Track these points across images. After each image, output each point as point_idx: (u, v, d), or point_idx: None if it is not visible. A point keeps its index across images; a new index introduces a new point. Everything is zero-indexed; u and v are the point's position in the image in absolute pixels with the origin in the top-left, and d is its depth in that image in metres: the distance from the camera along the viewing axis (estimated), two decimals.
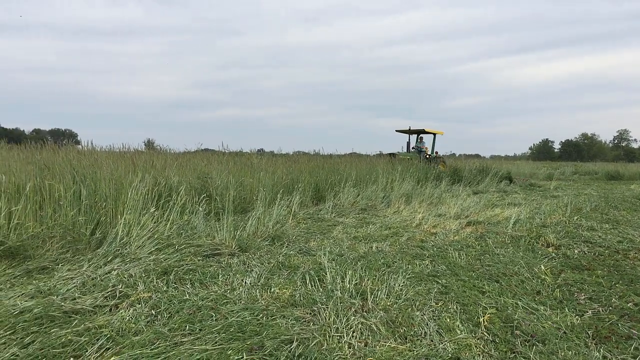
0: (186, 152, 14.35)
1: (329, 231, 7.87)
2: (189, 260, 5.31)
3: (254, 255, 5.78)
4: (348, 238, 7.24)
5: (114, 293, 4.13)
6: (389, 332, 3.56)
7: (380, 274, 5.08)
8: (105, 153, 9.57)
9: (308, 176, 12.25)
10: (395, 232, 7.80)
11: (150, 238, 5.72)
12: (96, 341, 3.18)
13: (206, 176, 9.73)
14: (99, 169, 6.90)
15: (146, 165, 8.69)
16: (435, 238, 7.37)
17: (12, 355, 2.94)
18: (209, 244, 5.91)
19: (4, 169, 6.00)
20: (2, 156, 6.88)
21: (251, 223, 7.08)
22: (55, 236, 5.37)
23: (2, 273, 4.51)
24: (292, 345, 3.20)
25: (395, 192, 12.99)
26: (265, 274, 4.96)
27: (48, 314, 3.55)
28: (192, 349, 3.09)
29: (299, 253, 6.08)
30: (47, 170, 6.47)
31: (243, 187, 10.16)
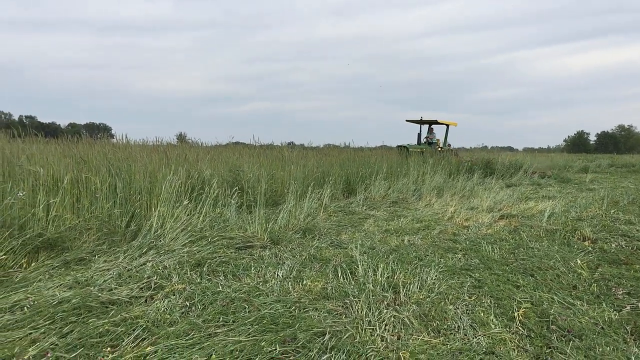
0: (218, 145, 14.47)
1: (360, 224, 7.85)
2: (222, 252, 5.36)
3: (286, 248, 5.81)
4: (379, 231, 7.22)
5: (149, 284, 4.20)
6: (422, 325, 3.55)
7: (413, 267, 5.05)
8: (139, 146, 9.71)
9: (339, 169, 12.24)
10: (427, 225, 7.74)
11: (184, 230, 5.80)
12: (132, 331, 3.24)
13: (238, 169, 9.81)
14: (133, 162, 7.01)
15: (179, 159, 8.79)
16: (467, 231, 7.30)
17: (52, 345, 3.02)
18: (241, 237, 5.96)
19: (42, 162, 6.14)
20: (40, 150, 7.03)
21: (282, 216, 7.11)
22: (91, 228, 5.48)
23: (41, 264, 4.62)
24: (324, 337, 3.21)
25: (427, 185, 12.88)
26: (297, 266, 4.99)
27: (86, 304, 3.63)
28: (226, 340, 3.12)
29: (330, 246, 6.09)
30: (84, 164, 6.60)
31: (274, 180, 10.21)
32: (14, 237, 4.67)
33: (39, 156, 6.49)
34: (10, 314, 3.46)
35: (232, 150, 13.41)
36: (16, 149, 6.48)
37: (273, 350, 3.01)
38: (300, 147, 18.61)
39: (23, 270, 4.45)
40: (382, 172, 13.08)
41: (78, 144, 8.12)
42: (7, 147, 6.40)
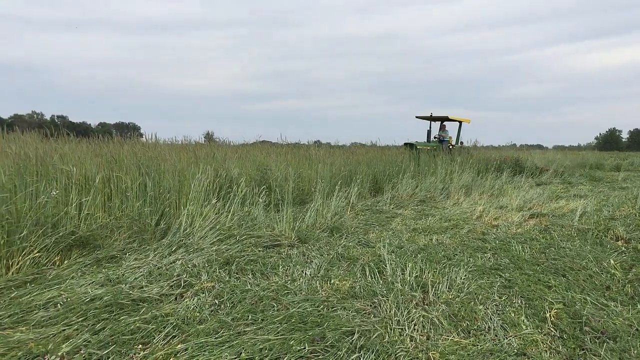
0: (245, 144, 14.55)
1: (388, 223, 7.82)
2: (250, 250, 5.39)
3: (313, 247, 5.82)
4: (407, 230, 7.18)
5: (179, 282, 4.24)
6: (452, 325, 3.52)
7: (441, 266, 5.01)
8: (168, 145, 9.82)
9: (366, 167, 12.22)
10: (455, 224, 7.68)
11: (212, 229, 5.84)
12: (163, 329, 3.28)
13: (265, 168, 9.85)
14: (162, 162, 7.09)
15: (207, 158, 8.87)
16: (497, 230, 7.21)
17: (85, 341, 3.07)
18: (269, 235, 5.99)
19: (74, 162, 6.25)
20: (72, 149, 7.16)
21: (310, 214, 7.12)
22: (122, 226, 5.56)
23: (73, 262, 4.70)
24: (353, 336, 3.20)
25: (455, 183, 12.78)
26: (324, 265, 4.98)
27: (117, 301, 3.68)
28: (255, 339, 3.13)
29: (357, 245, 6.08)
30: (115, 163, 6.69)
31: (301, 178, 10.23)
32: (48, 235, 4.76)
33: (71, 155, 6.60)
34: (44, 310, 3.53)
35: (260, 148, 13.49)
36: (49, 149, 6.60)
37: (302, 349, 3.02)
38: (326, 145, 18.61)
39: (56, 267, 4.53)
40: (410, 171, 13.01)
41: (109, 144, 8.24)
42: (40, 146, 6.52)
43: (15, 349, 2.92)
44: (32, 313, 3.47)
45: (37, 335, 3.12)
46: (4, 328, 3.23)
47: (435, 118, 19.50)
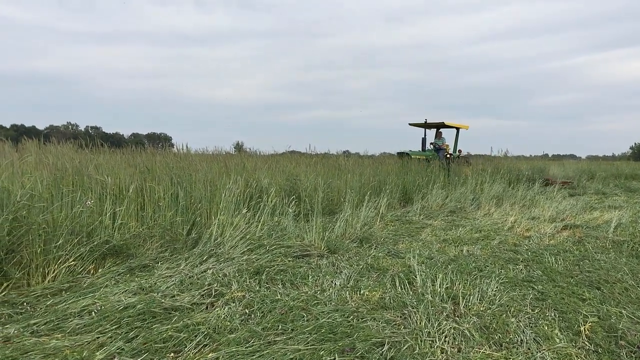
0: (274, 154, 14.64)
1: (418, 233, 7.78)
2: (280, 260, 5.41)
3: (343, 257, 5.82)
4: (437, 241, 7.13)
5: (210, 291, 4.28)
6: (483, 338, 3.48)
7: (472, 278, 4.96)
8: (199, 156, 9.95)
9: (395, 178, 12.18)
10: (486, 235, 7.59)
11: (243, 238, 5.88)
12: (194, 337, 3.31)
13: (295, 178, 9.89)
14: (194, 172, 7.19)
15: (237, 168, 8.95)
16: (529, 242, 7.11)
17: (118, 349, 3.12)
18: (299, 245, 6.01)
19: (108, 172, 6.37)
20: (107, 159, 7.31)
21: (339, 225, 7.12)
22: (155, 236, 5.64)
23: (107, 270, 4.79)
24: (383, 348, 3.20)
25: (485, 194, 12.64)
26: (354, 275, 4.98)
27: (150, 310, 3.74)
28: (285, 349, 3.15)
29: (387, 255, 6.06)
30: (148, 173, 6.81)
31: (331, 188, 10.25)
32: (83, 244, 4.86)
33: (105, 166, 6.74)
34: (79, 318, 3.60)
35: (289, 159, 13.55)
36: (85, 159, 6.75)
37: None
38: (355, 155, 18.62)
39: (91, 276, 4.63)
40: (439, 181, 12.92)
41: (141, 154, 8.39)
42: (76, 157, 6.67)
43: (51, 355, 2.99)
44: (68, 320, 3.54)
45: (72, 342, 3.19)
46: (40, 335, 3.30)
47: (430, 125, 18.06)
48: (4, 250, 4.22)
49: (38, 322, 3.49)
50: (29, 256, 4.36)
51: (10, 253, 4.28)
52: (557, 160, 33.41)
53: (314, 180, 9.89)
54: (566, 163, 29.43)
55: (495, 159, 19.21)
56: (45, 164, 5.94)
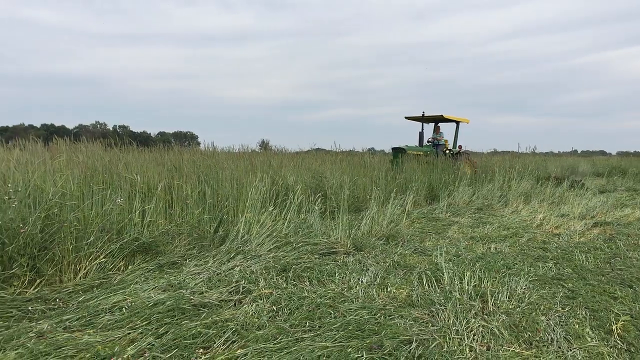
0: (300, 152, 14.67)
1: (444, 231, 7.73)
2: (307, 258, 5.43)
3: (369, 254, 5.81)
4: (464, 238, 7.07)
5: (238, 288, 4.32)
6: (512, 336, 3.44)
7: (500, 275, 4.92)
8: (225, 154, 10.03)
9: (421, 175, 12.11)
10: (514, 233, 7.51)
11: (269, 236, 5.91)
12: (223, 334, 3.34)
13: (321, 175, 9.90)
14: (220, 170, 7.25)
15: (264, 166, 9.00)
16: (558, 239, 7.01)
17: (149, 345, 3.16)
18: (325, 243, 6.01)
19: (137, 170, 6.46)
20: (135, 158, 7.41)
21: (365, 222, 7.11)
22: (183, 233, 5.71)
23: (137, 267, 4.85)
24: (411, 345, 3.18)
25: (513, 190, 12.48)
26: (381, 273, 4.97)
27: (179, 306, 3.78)
28: (313, 345, 3.16)
29: (414, 253, 6.03)
30: (175, 171, 6.88)
31: (356, 186, 10.24)
32: (113, 241, 4.94)
33: (134, 164, 6.83)
34: (110, 314, 3.66)
35: (314, 156, 13.57)
36: (114, 158, 6.86)
37: (360, 357, 3.02)
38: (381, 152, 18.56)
39: (121, 272, 4.70)
40: (466, 178, 12.80)
41: (169, 152, 8.48)
42: (105, 155, 6.78)
43: (83, 350, 3.04)
44: (99, 316, 3.60)
45: (104, 338, 3.24)
46: (73, 330, 3.36)
47: (428, 118, 16.53)
48: (37, 247, 4.31)
49: (70, 317, 3.55)
50: (61, 253, 4.45)
51: (43, 250, 4.37)
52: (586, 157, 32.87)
53: (339, 177, 9.88)
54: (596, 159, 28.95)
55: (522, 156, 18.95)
56: (75, 162, 6.05)
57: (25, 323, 3.46)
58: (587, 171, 20.65)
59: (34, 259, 4.28)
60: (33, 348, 2.97)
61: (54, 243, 4.43)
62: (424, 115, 15.90)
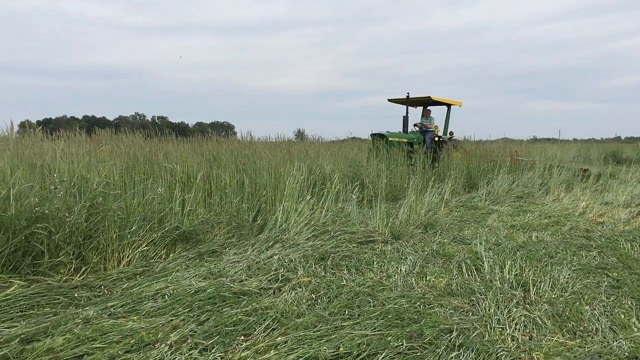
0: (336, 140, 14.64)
1: (484, 219, 7.63)
2: (344, 246, 5.43)
3: (408, 243, 5.78)
4: (504, 227, 6.97)
5: (277, 276, 4.35)
6: (556, 326, 3.39)
7: (542, 264, 4.83)
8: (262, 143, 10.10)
9: (459, 163, 11.97)
10: (556, 221, 7.36)
11: (307, 225, 5.94)
12: (263, 321, 3.37)
13: (358, 164, 9.88)
14: (258, 159, 7.30)
15: (300, 155, 9.02)
16: (602, 228, 6.84)
17: (191, 331, 3.22)
18: (363, 231, 6.01)
19: (176, 160, 6.56)
20: (175, 148, 7.52)
21: (403, 211, 7.07)
22: (222, 222, 5.78)
23: (178, 255, 4.95)
24: (451, 334, 3.16)
25: (554, 178, 12.22)
26: (419, 261, 4.94)
27: (220, 294, 3.84)
28: (353, 334, 3.16)
29: (453, 241, 5.98)
30: (214, 161, 6.97)
31: (393, 174, 10.18)
32: (154, 230, 5.04)
33: (173, 154, 6.94)
34: (153, 301, 3.73)
35: (351, 145, 13.54)
36: (155, 148, 6.97)
37: (400, 346, 3.01)
38: None
39: (162, 261, 4.79)
40: (505, 166, 12.60)
41: (207, 142, 8.58)
42: (146, 146, 6.90)
43: (128, 336, 3.11)
44: (143, 303, 3.68)
45: (147, 324, 3.31)
46: (117, 317, 3.44)
47: (414, 101, 14.38)
48: (82, 236, 4.43)
49: (115, 304, 3.64)
50: (105, 241, 4.56)
51: (88, 238, 4.49)
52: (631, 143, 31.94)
53: (376, 166, 9.84)
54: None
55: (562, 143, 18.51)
56: (118, 153, 6.17)
57: (71, 309, 3.55)
58: (632, 157, 20.03)
59: (79, 247, 4.40)
60: (80, 334, 3.05)
61: (99, 232, 4.54)
62: (408, 97, 14.01)
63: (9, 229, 4.08)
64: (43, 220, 4.22)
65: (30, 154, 5.16)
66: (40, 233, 4.16)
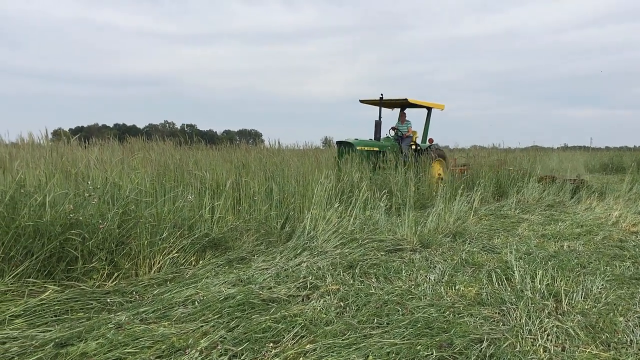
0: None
1: (514, 228, 7.54)
2: (373, 254, 5.42)
3: (436, 252, 5.74)
4: (535, 236, 6.88)
5: (305, 284, 4.37)
6: (589, 337, 3.33)
7: (574, 274, 4.76)
8: (290, 151, 10.14)
9: (488, 171, 11.85)
10: (588, 231, 7.24)
11: (335, 232, 5.94)
12: (292, 329, 3.39)
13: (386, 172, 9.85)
14: (286, 167, 7.34)
15: (328, 162, 9.05)
16: (636, 237, 6.71)
17: (221, 338, 3.24)
18: (391, 239, 5.99)
19: (206, 167, 6.64)
20: (204, 156, 7.61)
21: (432, 219, 7.02)
22: (250, 229, 5.83)
23: (207, 262, 5.00)
24: (482, 344, 3.13)
25: (586, 187, 12.01)
26: (448, 270, 4.91)
27: (249, 300, 3.86)
28: (382, 342, 3.16)
29: (482, 250, 5.92)
30: (243, 168, 7.03)
31: (421, 182, 10.13)
32: (184, 236, 5.10)
33: (203, 162, 7.02)
34: (184, 307, 3.78)
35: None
36: (184, 155, 7.07)
37: (429, 355, 3.00)
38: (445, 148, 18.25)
39: (192, 267, 4.85)
40: (536, 174, 12.43)
41: (236, 150, 8.66)
42: (176, 153, 7.00)
43: (159, 342, 3.15)
44: (173, 309, 3.73)
45: (178, 330, 3.35)
46: (149, 322, 3.49)
47: (388, 102, 12.66)
48: (115, 242, 4.51)
49: (146, 310, 3.69)
50: (137, 248, 4.64)
51: (121, 245, 4.57)
52: None
53: (404, 174, 9.81)
54: None
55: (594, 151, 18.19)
56: (149, 160, 6.27)
57: (104, 314, 3.62)
58: None
59: (112, 253, 4.48)
60: (112, 339, 3.10)
61: (130, 238, 4.61)
62: (382, 98, 12.20)
63: (45, 234, 4.17)
64: (77, 226, 4.32)
65: (65, 162, 5.28)
66: (75, 239, 4.25)
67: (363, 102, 12.89)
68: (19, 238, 4.11)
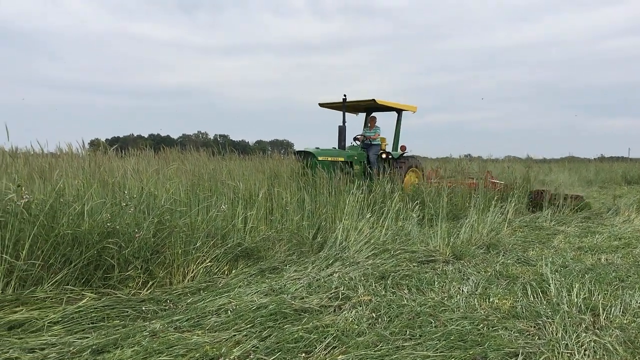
0: None
1: (549, 240, 7.41)
2: (405, 265, 5.39)
3: (469, 263, 5.68)
4: (571, 248, 6.75)
5: (337, 294, 4.36)
6: (628, 352, 3.25)
7: (613, 288, 4.65)
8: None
9: (522, 182, 11.69)
10: (627, 243, 7.06)
11: (367, 243, 5.93)
12: (324, 339, 3.38)
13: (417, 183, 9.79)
14: (318, 177, 7.37)
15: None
16: None
17: (253, 347, 3.26)
18: (424, 251, 5.95)
19: (239, 178, 6.71)
20: (237, 166, 7.69)
21: (465, 230, 6.96)
22: (282, 239, 5.86)
23: (240, 271, 5.04)
24: (517, 358, 3.09)
25: (624, 198, 11.75)
26: (482, 282, 4.85)
27: (281, 310, 3.88)
28: (414, 354, 3.13)
29: (517, 262, 5.83)
30: (275, 179, 7.08)
31: (454, 193, 10.05)
32: (217, 246, 5.16)
33: (236, 172, 7.09)
34: (217, 316, 3.81)
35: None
36: (218, 166, 7.16)
37: None
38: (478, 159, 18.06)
39: (225, 276, 4.89)
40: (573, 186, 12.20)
41: (268, 160, 8.73)
42: (209, 163, 7.09)
43: (193, 350, 3.18)
44: (206, 318, 3.76)
45: (211, 338, 3.38)
46: (183, 331, 3.54)
47: (353, 105, 11.13)
48: (150, 251, 4.59)
49: (180, 318, 3.73)
50: (171, 257, 4.71)
51: (156, 253, 4.64)
52: None
53: (437, 185, 9.74)
54: None
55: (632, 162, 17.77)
56: (183, 170, 6.37)
57: (139, 322, 3.67)
58: None
59: (147, 262, 4.56)
60: (147, 346, 3.14)
61: (165, 247, 4.69)
62: (345, 100, 10.63)
63: (83, 243, 4.27)
64: (114, 235, 4.41)
65: (103, 172, 5.39)
66: (111, 247, 4.34)
67: (323, 105, 11.56)
68: (58, 246, 4.21)
